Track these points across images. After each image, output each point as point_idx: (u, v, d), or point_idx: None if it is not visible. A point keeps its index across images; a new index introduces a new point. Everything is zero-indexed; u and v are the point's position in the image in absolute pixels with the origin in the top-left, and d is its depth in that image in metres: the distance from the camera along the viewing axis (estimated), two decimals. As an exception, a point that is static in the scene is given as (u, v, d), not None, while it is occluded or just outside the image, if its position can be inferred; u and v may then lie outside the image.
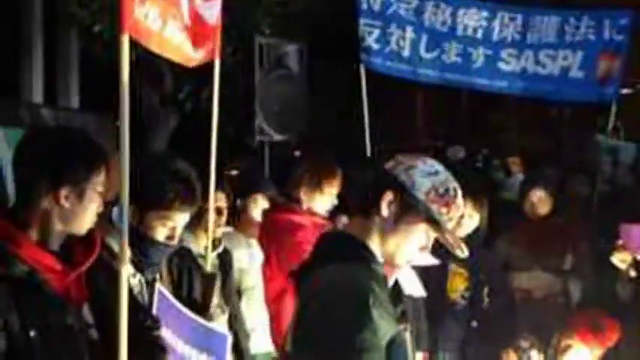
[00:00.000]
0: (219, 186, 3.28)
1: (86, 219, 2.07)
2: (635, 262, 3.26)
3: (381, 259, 2.01)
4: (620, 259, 3.27)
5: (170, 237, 2.59)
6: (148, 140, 7.62)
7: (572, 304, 4.47)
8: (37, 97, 6.90)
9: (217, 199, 3.32)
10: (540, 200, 4.60)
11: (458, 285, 4.19)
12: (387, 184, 1.99)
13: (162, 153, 7.02)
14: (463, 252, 2.03)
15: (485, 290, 4.18)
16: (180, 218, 2.59)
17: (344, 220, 3.90)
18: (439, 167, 2.04)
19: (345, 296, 1.87)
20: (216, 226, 3.26)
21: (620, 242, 3.25)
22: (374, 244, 2.00)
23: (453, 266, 4.15)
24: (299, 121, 6.42)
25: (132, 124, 2.39)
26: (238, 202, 3.54)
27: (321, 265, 1.97)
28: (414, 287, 3.58)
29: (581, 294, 4.47)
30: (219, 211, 3.34)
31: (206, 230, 3.12)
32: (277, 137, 6.28)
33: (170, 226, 2.57)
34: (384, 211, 1.97)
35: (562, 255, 4.51)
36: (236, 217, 3.60)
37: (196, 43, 2.76)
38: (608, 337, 3.60)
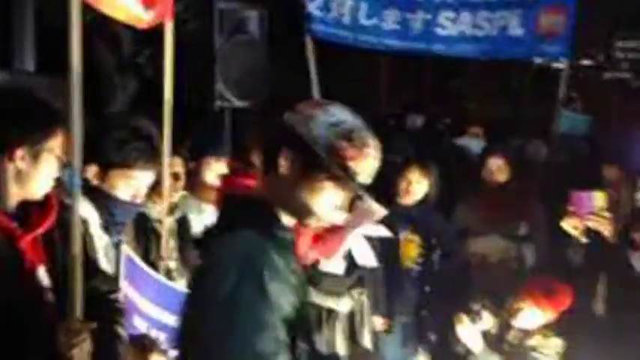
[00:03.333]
0: (176, 151, 3.26)
1: (41, 182, 2.06)
2: (586, 229, 3.32)
3: (288, 223, 1.83)
4: (571, 226, 3.34)
5: (135, 196, 2.57)
6: (107, 106, 7.49)
7: (526, 268, 4.57)
8: (-9, 60, 6.71)
9: (175, 165, 3.29)
10: (499, 168, 4.67)
11: (411, 252, 4.25)
12: (283, 140, 1.78)
13: (122, 112, 6.89)
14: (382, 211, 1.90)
15: (437, 254, 4.25)
16: (144, 176, 2.57)
17: None
18: (343, 115, 1.79)
19: (238, 274, 1.67)
20: (173, 191, 3.24)
21: (571, 209, 3.31)
22: (280, 205, 1.80)
23: (405, 233, 4.20)
24: (260, 87, 6.35)
25: (87, 89, 2.34)
26: (190, 165, 3.51)
27: (218, 234, 1.79)
28: (366, 258, 3.62)
29: (535, 259, 4.57)
30: (176, 177, 3.32)
31: (162, 195, 3.09)
32: (238, 103, 6.22)
33: (134, 185, 2.55)
34: (283, 169, 1.77)
35: (517, 221, 4.59)
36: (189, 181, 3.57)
37: (146, 2, 2.71)
38: (561, 300, 3.69)
